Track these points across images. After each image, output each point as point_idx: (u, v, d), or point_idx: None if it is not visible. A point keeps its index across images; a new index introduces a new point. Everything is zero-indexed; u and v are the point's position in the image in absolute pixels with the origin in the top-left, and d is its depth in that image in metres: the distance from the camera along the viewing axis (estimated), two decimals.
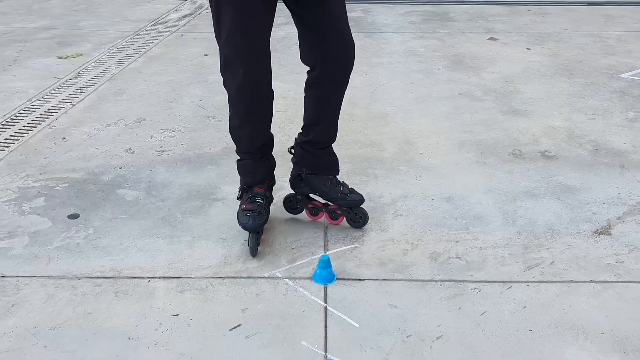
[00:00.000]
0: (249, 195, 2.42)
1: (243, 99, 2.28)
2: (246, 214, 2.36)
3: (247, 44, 2.15)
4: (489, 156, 3.21)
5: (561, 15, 6.00)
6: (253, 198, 2.40)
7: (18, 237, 2.53)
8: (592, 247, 2.46)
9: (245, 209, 2.37)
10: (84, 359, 1.91)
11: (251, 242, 2.38)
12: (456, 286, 2.24)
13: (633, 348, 1.95)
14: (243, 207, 2.39)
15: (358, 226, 2.57)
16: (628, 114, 3.72)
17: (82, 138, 3.42)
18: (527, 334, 2.01)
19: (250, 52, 2.17)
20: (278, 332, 2.02)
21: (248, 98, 2.27)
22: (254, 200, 2.40)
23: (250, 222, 2.34)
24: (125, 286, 2.24)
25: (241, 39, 2.14)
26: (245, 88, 2.24)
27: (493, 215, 2.68)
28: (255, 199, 2.40)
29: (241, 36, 2.13)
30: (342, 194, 2.52)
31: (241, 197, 2.46)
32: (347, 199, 2.52)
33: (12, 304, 2.15)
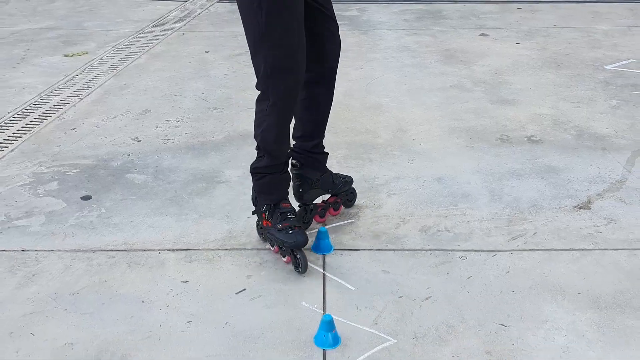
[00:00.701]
0: (279, 214, 2.31)
1: (292, 101, 2.23)
2: (287, 232, 2.25)
3: (298, 45, 2.14)
4: (477, 141, 3.38)
5: (550, 12, 6.19)
6: (284, 215, 2.30)
7: (35, 217, 2.70)
8: (572, 220, 2.64)
9: (283, 228, 2.27)
10: (102, 319, 2.08)
11: (302, 257, 2.27)
12: (444, 255, 2.41)
13: (606, 304, 2.12)
14: (279, 227, 2.28)
15: (352, 204, 2.74)
16: (611, 102, 3.90)
17: (90, 128, 3.59)
18: (509, 294, 2.18)
19: (301, 53, 2.16)
20: (280, 295, 2.19)
21: (294, 101, 2.24)
22: (287, 217, 2.30)
23: (299, 238, 2.24)
24: (137, 258, 2.41)
25: (296, 39, 2.13)
26: (295, 91, 2.21)
27: (480, 193, 2.85)
28: (286, 215, 2.31)
29: (293, 38, 2.12)
30: (343, 180, 2.66)
31: (270, 217, 2.34)
32: (348, 182, 2.68)
33: (32, 273, 2.32)
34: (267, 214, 2.34)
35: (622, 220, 2.63)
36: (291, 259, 2.30)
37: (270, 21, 2.06)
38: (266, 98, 2.20)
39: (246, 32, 2.17)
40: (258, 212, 2.40)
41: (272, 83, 2.15)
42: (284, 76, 2.14)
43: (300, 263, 2.26)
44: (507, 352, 1.92)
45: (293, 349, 1.94)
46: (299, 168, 2.47)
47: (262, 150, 2.31)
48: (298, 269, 2.28)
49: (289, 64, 2.13)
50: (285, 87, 2.17)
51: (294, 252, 2.27)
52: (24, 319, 2.08)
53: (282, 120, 2.25)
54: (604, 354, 1.91)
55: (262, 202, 2.35)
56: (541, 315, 2.08)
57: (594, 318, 2.06)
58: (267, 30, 2.07)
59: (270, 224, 2.34)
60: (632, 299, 2.15)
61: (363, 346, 1.95)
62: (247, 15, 2.13)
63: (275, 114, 2.21)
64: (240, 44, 5.21)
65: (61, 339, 1.99)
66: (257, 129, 2.28)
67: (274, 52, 2.10)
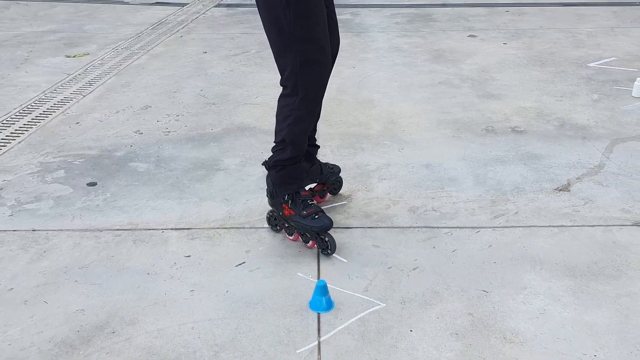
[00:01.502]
0: (300, 201, 2.40)
1: (323, 92, 2.31)
2: (313, 217, 2.36)
3: (325, 38, 2.23)
4: (464, 132, 3.55)
5: (537, 15, 6.39)
6: (306, 202, 2.40)
7: (44, 201, 2.84)
8: (552, 201, 2.80)
9: (308, 214, 2.37)
10: (110, 289, 2.22)
11: (331, 239, 2.36)
12: (431, 231, 2.56)
13: (580, 273, 2.28)
14: (304, 214, 2.37)
15: (337, 192, 2.86)
16: (593, 95, 4.08)
17: (94, 122, 3.74)
18: (491, 265, 2.34)
19: (329, 46, 2.25)
20: (277, 267, 2.34)
21: (324, 92, 2.31)
22: (309, 203, 2.40)
23: (326, 222, 2.35)
24: (142, 236, 2.56)
25: (323, 32, 2.22)
26: (325, 82, 2.29)
27: (466, 178, 3.01)
28: (308, 202, 2.40)
29: (321, 31, 2.21)
30: (331, 170, 2.77)
31: (293, 206, 2.40)
32: (336, 172, 2.80)
33: (44, 250, 2.46)
34: (289, 204, 2.40)
35: (599, 200, 2.79)
36: (317, 243, 2.39)
37: (298, 18, 2.13)
38: (294, 93, 2.25)
39: (270, 32, 2.22)
40: (277, 203, 2.45)
41: (303, 77, 2.21)
42: (315, 69, 2.22)
43: (330, 245, 2.35)
44: (487, 314, 2.07)
45: (290, 313, 2.09)
46: None
47: (287, 142, 2.35)
48: (327, 251, 2.36)
49: (318, 57, 2.21)
50: (316, 79, 2.24)
51: (321, 235, 2.36)
52: (37, 289, 2.22)
53: (312, 113, 2.35)
54: (577, 315, 2.06)
55: (283, 192, 2.41)
56: (520, 283, 2.23)
57: (570, 284, 2.22)
58: (295, 27, 2.13)
59: (293, 212, 2.40)
60: (605, 268, 2.31)
61: (355, 309, 2.10)
62: (272, 15, 2.17)
63: (305, 107, 2.28)
64: (237, 44, 5.39)
65: (73, 305, 2.13)
66: (281, 123, 2.34)
67: (303, 47, 2.17)
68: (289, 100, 2.29)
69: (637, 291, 2.18)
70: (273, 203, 2.48)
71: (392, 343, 1.95)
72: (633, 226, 2.58)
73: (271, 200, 2.48)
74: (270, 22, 2.21)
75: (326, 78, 2.29)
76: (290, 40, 2.17)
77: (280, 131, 2.36)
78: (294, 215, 2.40)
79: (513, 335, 1.97)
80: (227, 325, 2.03)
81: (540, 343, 1.94)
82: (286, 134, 2.34)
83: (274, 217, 2.53)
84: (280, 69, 2.27)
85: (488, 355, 1.89)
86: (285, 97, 2.31)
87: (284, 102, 2.32)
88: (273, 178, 2.44)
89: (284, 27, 2.15)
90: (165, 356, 1.91)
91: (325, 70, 2.28)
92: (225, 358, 1.89)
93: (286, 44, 2.19)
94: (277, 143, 2.41)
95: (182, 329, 2.02)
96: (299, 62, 2.19)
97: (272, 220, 2.55)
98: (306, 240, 2.43)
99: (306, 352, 1.91)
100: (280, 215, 2.47)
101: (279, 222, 2.52)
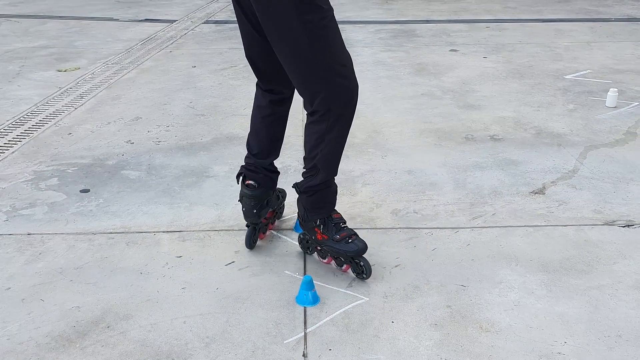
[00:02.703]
0: (332, 225, 2.34)
1: (354, 110, 2.22)
2: (347, 241, 2.31)
3: (348, 56, 2.18)
4: (444, 140, 3.69)
5: (517, 30, 6.59)
6: (338, 226, 2.34)
7: (38, 207, 2.93)
8: (528, 203, 2.93)
9: (342, 238, 2.31)
10: (105, 287, 2.31)
11: (366, 263, 2.32)
12: (412, 232, 2.68)
13: (553, 268, 2.40)
14: (337, 238, 2.31)
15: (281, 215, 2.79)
16: (569, 106, 4.24)
17: (86, 133, 3.84)
18: (469, 262, 2.46)
19: (352, 63, 2.20)
20: (265, 265, 2.44)
21: (354, 110, 2.23)
22: (341, 227, 2.35)
23: (361, 245, 2.30)
24: (134, 238, 2.65)
25: (346, 51, 2.18)
26: (356, 100, 2.21)
27: (446, 183, 3.14)
28: (340, 225, 2.35)
29: (345, 51, 2.16)
30: (280, 195, 2.70)
31: (325, 231, 2.34)
32: (283, 197, 2.72)
33: (39, 252, 2.55)
34: (321, 228, 2.34)
35: (572, 202, 2.93)
36: (351, 267, 2.35)
37: (325, 43, 2.06)
38: (325, 118, 2.16)
39: (296, 62, 2.10)
40: (309, 227, 2.38)
41: (335, 99, 2.13)
42: (346, 89, 2.14)
43: (365, 269, 2.30)
44: (465, 306, 2.18)
45: (277, 307, 2.19)
46: (256, 189, 2.46)
47: (319, 169, 2.27)
48: (362, 276, 2.31)
49: (349, 75, 2.15)
50: (347, 98, 2.16)
51: (356, 260, 2.32)
52: (34, 288, 2.31)
53: (346, 134, 2.26)
54: (549, 306, 2.18)
55: (315, 217, 2.35)
56: (496, 278, 2.35)
57: (543, 279, 2.34)
58: (325, 52, 2.06)
59: (326, 236, 2.34)
60: (576, 263, 2.44)
61: (339, 303, 2.20)
62: (299, 45, 2.05)
63: (339, 128, 2.20)
64: (225, 59, 5.52)
65: (68, 303, 2.22)
66: (313, 150, 2.24)
67: (339, 69, 2.10)
68: (320, 126, 2.19)
69: (606, 284, 2.30)
70: (305, 227, 2.41)
71: (375, 333, 2.05)
72: (604, 225, 2.71)
73: (303, 224, 2.42)
74: (295, 52, 2.07)
75: (355, 96, 2.19)
76: (320, 65, 2.07)
77: (312, 158, 2.26)
78: (327, 240, 2.34)
79: (489, 325, 2.08)
80: (218, 319, 2.13)
81: (515, 332, 2.05)
82: (320, 159, 2.25)
83: (306, 239, 2.47)
84: (309, 96, 2.15)
85: (465, 343, 2.00)
86: (314, 123, 2.20)
87: (314, 128, 2.21)
88: (304, 202, 2.37)
89: (315, 52, 2.05)
90: (159, 348, 1.99)
91: (355, 88, 2.18)
92: (216, 349, 1.99)
93: (315, 69, 2.08)
94: (308, 169, 2.32)
95: (174, 323, 2.11)
96: (332, 85, 2.11)
97: (304, 243, 2.49)
98: (340, 264, 2.38)
99: (293, 343, 2.01)
100: (313, 239, 2.40)
101: (311, 245, 2.46)
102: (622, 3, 8.22)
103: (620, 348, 1.98)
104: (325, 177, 2.31)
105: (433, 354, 1.95)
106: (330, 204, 2.39)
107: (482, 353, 1.96)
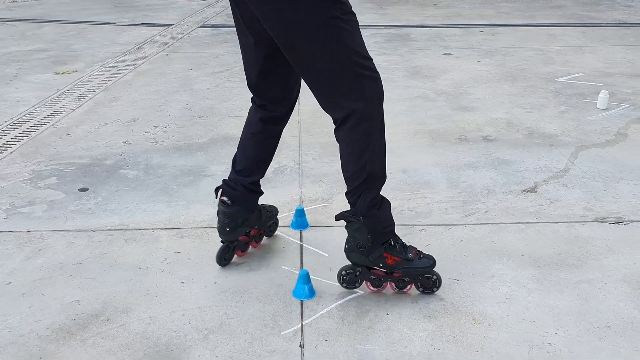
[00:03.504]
0: (399, 244, 2.22)
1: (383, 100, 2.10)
2: (420, 257, 2.22)
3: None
4: (438, 141, 3.74)
5: (510, 34, 6.67)
6: (404, 244, 2.24)
7: (37, 205, 2.96)
8: (520, 201, 2.98)
9: (415, 256, 2.22)
10: (104, 282, 2.35)
11: (438, 276, 2.24)
12: (407, 228, 2.73)
13: (545, 263, 2.45)
14: (410, 257, 2.20)
15: (273, 233, 2.66)
16: (560, 107, 4.31)
17: (84, 134, 3.88)
18: (462, 257, 2.51)
19: None
20: (263, 261, 2.49)
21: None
22: (406, 245, 2.24)
23: (432, 256, 2.25)
24: (133, 235, 2.69)
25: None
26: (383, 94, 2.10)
27: (439, 182, 3.19)
28: (404, 243, 2.24)
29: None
30: (269, 214, 2.57)
31: (396, 254, 2.20)
32: (274, 215, 2.61)
33: (39, 248, 2.58)
34: (391, 252, 2.19)
35: (563, 200, 2.98)
36: (420, 282, 2.24)
37: (352, 37, 1.96)
38: (364, 118, 2.02)
39: (333, 83, 1.99)
40: (377, 256, 2.18)
41: (368, 94, 2.01)
42: (375, 81, 2.04)
43: (438, 282, 2.24)
44: (458, 299, 2.23)
45: (275, 300, 2.23)
46: (230, 206, 2.33)
47: (369, 178, 2.11)
48: (433, 289, 2.24)
49: (374, 67, 2.05)
50: (379, 90, 2.06)
51: (427, 275, 2.23)
52: (34, 283, 2.34)
53: (384, 130, 2.12)
54: (540, 299, 2.23)
55: (384, 240, 2.18)
56: (489, 272, 2.40)
57: (534, 273, 2.39)
58: (350, 47, 1.95)
59: (398, 258, 2.19)
60: (567, 258, 2.49)
61: (335, 297, 2.25)
62: (335, 62, 1.95)
63: (380, 126, 2.08)
64: (222, 62, 5.57)
65: (68, 297, 2.26)
66: (359, 159, 2.07)
67: (362, 65, 1.99)
68: (360, 128, 2.04)
69: (596, 278, 2.35)
70: (371, 256, 2.19)
71: (369, 325, 2.09)
72: (594, 222, 2.77)
73: (366, 257, 2.19)
74: (332, 71, 1.97)
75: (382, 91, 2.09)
76: (353, 61, 1.96)
77: (362, 168, 2.08)
78: (400, 262, 2.19)
79: (481, 317, 2.13)
80: (216, 312, 2.17)
81: (507, 323, 2.10)
82: (370, 166, 2.09)
83: (355, 273, 2.24)
84: (339, 98, 2.01)
85: (458, 334, 2.04)
86: (352, 129, 2.04)
87: (353, 135, 2.06)
88: (371, 226, 2.15)
89: (349, 67, 1.96)
90: (158, 340, 2.03)
91: (380, 80, 2.08)
92: (214, 340, 2.02)
93: (348, 64, 1.96)
94: (356, 187, 2.13)
95: (173, 316, 2.15)
96: (364, 79, 1.99)
97: (351, 277, 2.25)
98: (403, 286, 2.24)
99: (290, 334, 2.05)
100: (380, 267, 2.21)
101: (363, 277, 2.25)
102: (614, 8, 8.33)
103: (609, 339, 2.03)
104: (377, 188, 2.13)
105: (427, 344, 2.00)
106: (393, 221, 2.21)
107: (474, 343, 2.00)
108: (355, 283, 2.26)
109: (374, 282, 2.24)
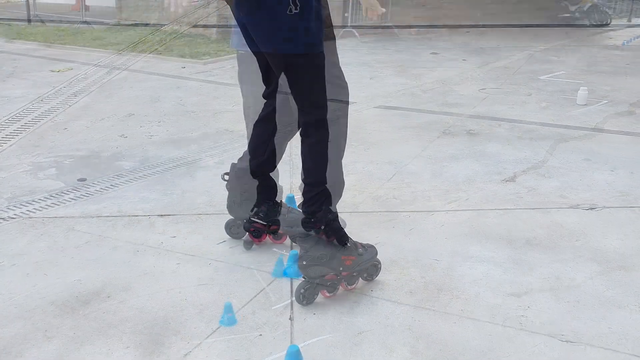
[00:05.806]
0: (352, 242, 2.30)
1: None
2: (365, 249, 2.33)
3: None
4: (423, 134, 3.90)
5: (496, 34, 6.86)
6: (352, 240, 2.31)
7: (38, 194, 3.08)
8: (499, 189, 3.14)
9: (362, 248, 2.32)
10: (104, 263, 2.47)
11: (380, 263, 2.35)
12: (391, 214, 2.87)
13: (520, 245, 2.61)
14: (360, 252, 2.29)
15: None
16: (542, 104, 4.48)
17: (81, 128, 4.00)
18: (443, 240, 2.65)
19: None
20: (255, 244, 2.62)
21: None
22: (352, 241, 2.31)
23: (373, 246, 2.35)
24: (130, 221, 2.82)
25: None
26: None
27: (423, 172, 3.34)
28: (351, 239, 2.31)
29: None
30: None
31: (349, 253, 2.26)
32: None
33: (41, 233, 2.70)
34: (345, 253, 2.24)
35: (540, 189, 3.14)
36: (370, 269, 2.33)
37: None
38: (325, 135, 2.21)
39: (316, 91, 2.19)
40: (338, 260, 2.23)
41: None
42: (344, 89, 2.43)
43: (380, 267, 2.36)
44: (438, 277, 2.38)
45: (266, 279, 2.37)
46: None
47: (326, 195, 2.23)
48: (375, 276, 2.35)
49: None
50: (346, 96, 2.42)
51: (375, 262, 2.34)
52: (37, 264, 2.46)
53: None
54: (515, 277, 2.38)
55: (344, 243, 2.25)
56: (467, 253, 2.55)
57: (510, 254, 2.54)
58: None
59: (353, 257, 2.26)
60: (542, 241, 2.64)
61: None
62: (317, 73, 2.16)
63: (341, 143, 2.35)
64: (214, 60, 5.71)
65: (70, 277, 2.38)
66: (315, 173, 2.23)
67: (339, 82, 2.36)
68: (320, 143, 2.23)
69: (568, 258, 2.51)
70: (331, 267, 2.22)
71: (355, 300, 2.23)
72: (569, 209, 2.93)
73: (327, 266, 2.22)
74: (314, 80, 2.17)
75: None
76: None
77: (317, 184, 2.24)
78: (355, 260, 2.26)
79: (459, 293, 2.27)
80: (211, 289, 2.30)
81: (483, 298, 2.25)
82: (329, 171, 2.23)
83: (313, 287, 2.23)
84: (320, 115, 2.21)
85: (437, 307, 2.19)
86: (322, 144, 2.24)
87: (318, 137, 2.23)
88: (337, 236, 2.24)
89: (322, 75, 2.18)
90: (156, 314, 2.16)
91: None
92: (209, 314, 2.16)
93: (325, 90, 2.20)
94: (317, 194, 2.25)
95: (170, 293, 2.28)
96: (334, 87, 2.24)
97: (310, 292, 2.22)
98: (353, 281, 2.30)
99: (280, 308, 2.19)
100: (341, 270, 2.24)
101: (320, 287, 2.25)
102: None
103: (578, 312, 2.18)
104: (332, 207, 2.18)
105: (408, 317, 2.14)
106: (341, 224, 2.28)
107: (452, 316, 2.15)
108: (313, 296, 2.24)
109: (329, 289, 2.25)
